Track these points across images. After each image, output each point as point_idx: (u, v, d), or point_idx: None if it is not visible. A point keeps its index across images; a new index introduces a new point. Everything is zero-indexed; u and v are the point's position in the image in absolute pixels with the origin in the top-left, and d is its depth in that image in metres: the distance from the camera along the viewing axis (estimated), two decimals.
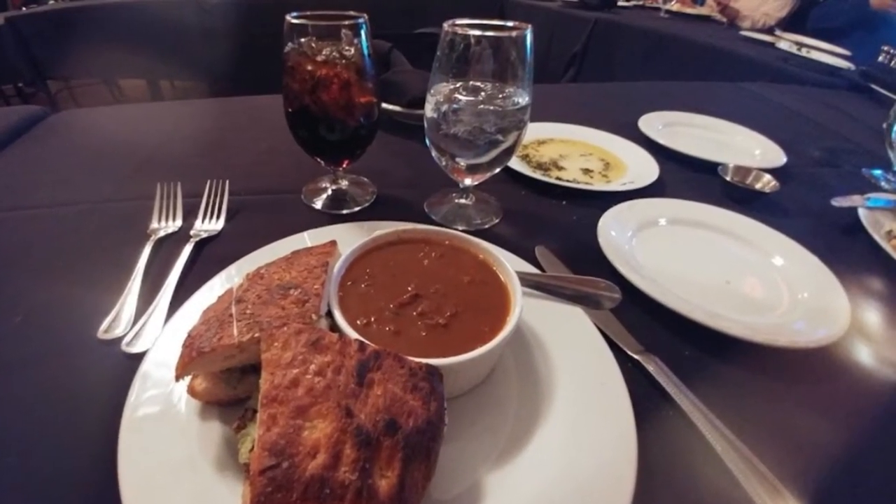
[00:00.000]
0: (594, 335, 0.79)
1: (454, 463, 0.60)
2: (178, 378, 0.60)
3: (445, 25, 0.94)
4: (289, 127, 1.08)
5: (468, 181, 1.11)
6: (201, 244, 1.01)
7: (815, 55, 3.19)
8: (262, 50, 2.57)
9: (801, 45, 3.40)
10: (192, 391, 0.63)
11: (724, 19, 4.65)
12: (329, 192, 1.21)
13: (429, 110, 1.02)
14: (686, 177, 1.45)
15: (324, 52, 0.97)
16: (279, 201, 1.19)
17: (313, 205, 1.17)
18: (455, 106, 0.97)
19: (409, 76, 1.60)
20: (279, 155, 1.40)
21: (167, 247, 1.00)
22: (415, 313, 0.71)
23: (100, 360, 0.75)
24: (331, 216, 1.14)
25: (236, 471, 0.56)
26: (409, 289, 0.74)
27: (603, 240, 1.03)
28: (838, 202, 1.27)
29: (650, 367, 0.76)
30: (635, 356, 0.78)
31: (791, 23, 4.35)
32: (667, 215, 1.18)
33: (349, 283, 0.75)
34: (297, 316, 0.61)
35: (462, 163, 1.04)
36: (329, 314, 0.68)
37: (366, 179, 1.28)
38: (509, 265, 0.78)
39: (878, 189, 1.41)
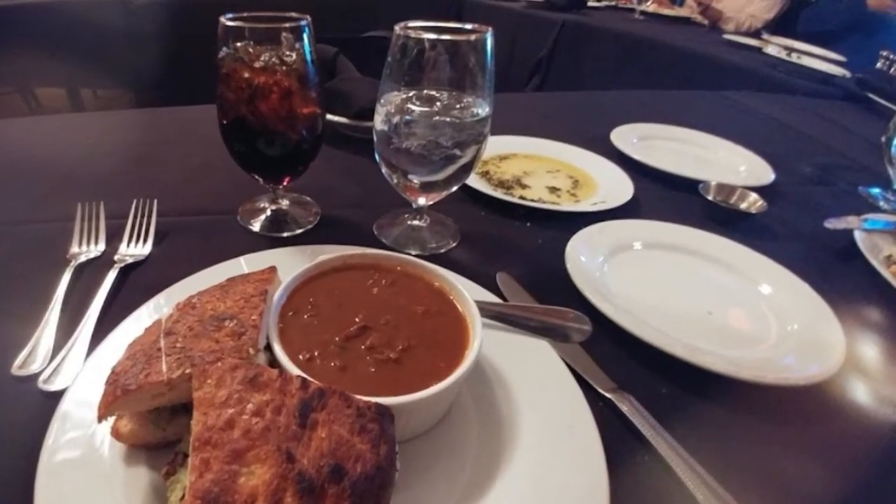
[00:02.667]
0: (562, 371, 0.81)
1: None
2: (100, 419, 0.61)
3: (397, 28, 0.97)
4: (223, 140, 1.10)
5: (422, 201, 1.14)
6: (126, 270, 1.02)
7: (806, 61, 3.31)
8: (194, 55, 2.58)
9: (790, 49, 3.53)
10: (116, 433, 0.64)
11: (706, 21, 4.81)
12: (268, 212, 1.23)
13: (378, 122, 1.04)
14: (663, 196, 1.50)
15: (262, 58, 1.00)
16: (212, 223, 1.20)
17: (250, 227, 1.19)
18: (408, 117, 1.00)
19: (356, 84, 1.63)
20: (213, 171, 1.41)
21: (89, 273, 1.00)
22: (363, 347, 0.72)
23: (14, 398, 0.75)
24: (270, 239, 1.16)
25: None
26: (357, 320, 0.76)
27: (571, 266, 1.05)
28: (832, 224, 1.30)
29: (624, 407, 0.78)
30: (607, 395, 0.80)
31: (780, 25, 4.49)
32: (642, 238, 1.21)
33: (290, 313, 0.77)
34: (233, 350, 0.63)
35: (415, 180, 1.07)
36: (268, 348, 0.70)
37: (309, 199, 1.30)
38: (468, 294, 0.81)
39: (876, 209, 1.47)
